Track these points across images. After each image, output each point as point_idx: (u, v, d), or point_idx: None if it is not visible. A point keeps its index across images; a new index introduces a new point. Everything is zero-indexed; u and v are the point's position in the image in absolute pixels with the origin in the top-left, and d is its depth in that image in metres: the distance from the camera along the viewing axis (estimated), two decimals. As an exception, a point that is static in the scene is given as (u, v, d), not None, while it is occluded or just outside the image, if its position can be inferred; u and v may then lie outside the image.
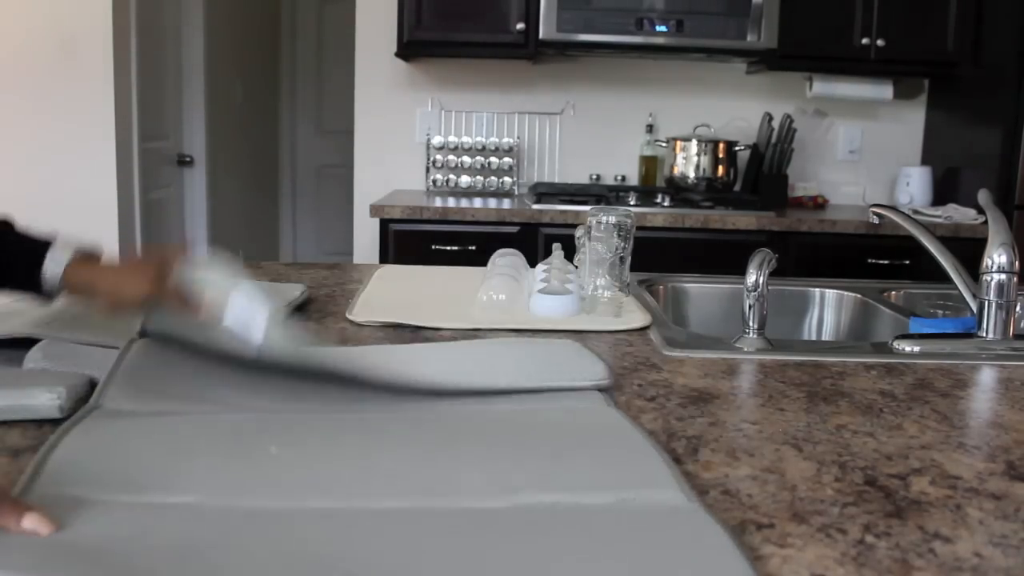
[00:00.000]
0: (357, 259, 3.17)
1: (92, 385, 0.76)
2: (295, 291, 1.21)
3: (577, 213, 2.56)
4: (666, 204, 2.71)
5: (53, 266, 0.87)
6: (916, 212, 2.78)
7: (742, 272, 1.06)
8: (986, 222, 1.08)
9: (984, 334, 1.05)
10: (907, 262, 2.61)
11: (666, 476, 0.61)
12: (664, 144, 2.98)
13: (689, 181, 2.87)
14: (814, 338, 1.46)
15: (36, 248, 0.88)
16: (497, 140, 3.03)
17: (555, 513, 0.55)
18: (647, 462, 0.63)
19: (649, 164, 3.09)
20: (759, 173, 2.97)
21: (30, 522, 0.51)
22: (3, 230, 0.91)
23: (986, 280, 1.05)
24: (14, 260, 0.89)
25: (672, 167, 2.91)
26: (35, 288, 0.88)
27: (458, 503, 0.57)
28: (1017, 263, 1.05)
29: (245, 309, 0.84)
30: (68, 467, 0.61)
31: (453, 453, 0.65)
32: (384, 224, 2.58)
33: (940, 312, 1.28)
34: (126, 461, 0.62)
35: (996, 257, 1.05)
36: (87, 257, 0.90)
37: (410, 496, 0.57)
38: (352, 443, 0.67)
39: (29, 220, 0.94)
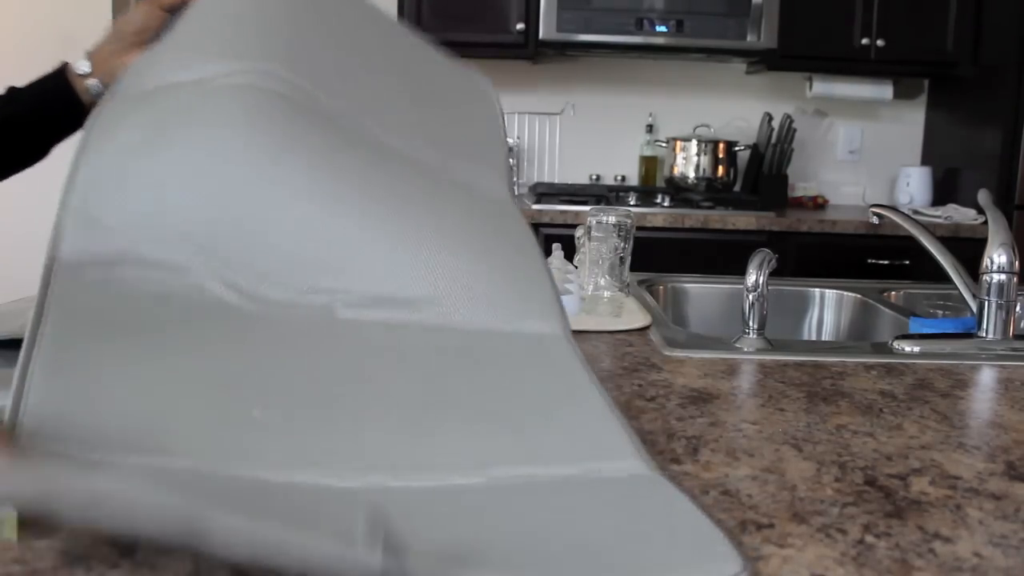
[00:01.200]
0: (357, 259, 3.17)
1: None
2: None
3: (577, 213, 2.56)
4: (666, 204, 2.71)
5: (82, 67, 0.93)
6: (916, 212, 2.78)
7: (742, 272, 1.06)
8: (986, 222, 1.08)
9: (984, 334, 1.05)
10: (907, 262, 2.61)
11: (627, 445, 0.62)
12: (664, 144, 2.98)
13: (689, 181, 2.87)
14: (814, 338, 1.46)
15: (49, 82, 0.95)
16: (497, 140, 3.03)
17: (532, 486, 0.57)
18: (608, 429, 0.64)
19: (649, 164, 3.09)
20: (759, 173, 2.97)
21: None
22: (11, 94, 0.96)
23: (986, 280, 1.05)
24: (45, 98, 0.95)
25: (672, 167, 2.92)
26: (74, 106, 0.93)
27: (441, 480, 0.58)
28: (1017, 263, 1.05)
29: None
30: (43, 418, 0.58)
31: (428, 422, 0.64)
32: (384, 224, 2.58)
33: (940, 312, 1.28)
34: (104, 414, 0.60)
35: (996, 257, 1.05)
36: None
37: (394, 472, 0.58)
38: (334, 407, 0.66)
39: (28, 218, 0.95)
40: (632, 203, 2.72)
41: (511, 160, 0.83)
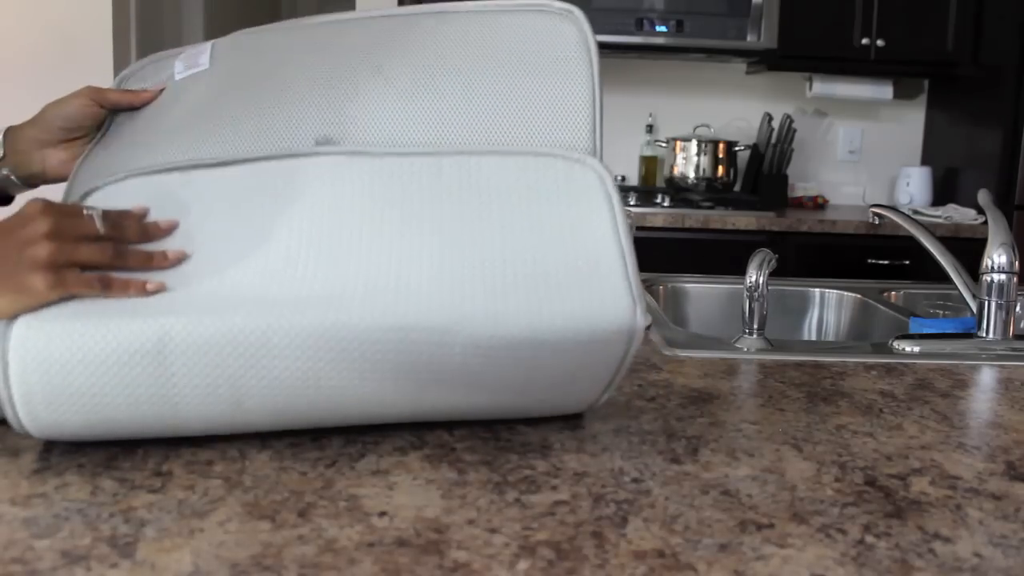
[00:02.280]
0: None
1: None
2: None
3: (577, 213, 2.56)
4: (666, 204, 2.71)
5: None
6: (916, 212, 2.78)
7: (742, 272, 1.06)
8: (986, 222, 1.08)
9: (984, 334, 1.05)
10: (907, 262, 2.61)
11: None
12: (664, 144, 2.98)
13: (689, 181, 2.87)
14: (814, 338, 1.46)
15: None
16: (497, 140, 3.03)
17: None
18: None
19: (649, 164, 3.09)
20: (759, 173, 2.97)
21: (153, 285, 0.61)
22: None
23: (986, 280, 1.05)
24: None
25: (672, 167, 2.92)
26: None
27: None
28: (1017, 263, 1.05)
29: (189, 59, 0.81)
30: None
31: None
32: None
33: (940, 312, 1.28)
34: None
35: (996, 257, 1.05)
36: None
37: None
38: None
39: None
40: (632, 203, 2.72)
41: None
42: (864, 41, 2.78)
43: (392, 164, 0.69)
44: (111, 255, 0.62)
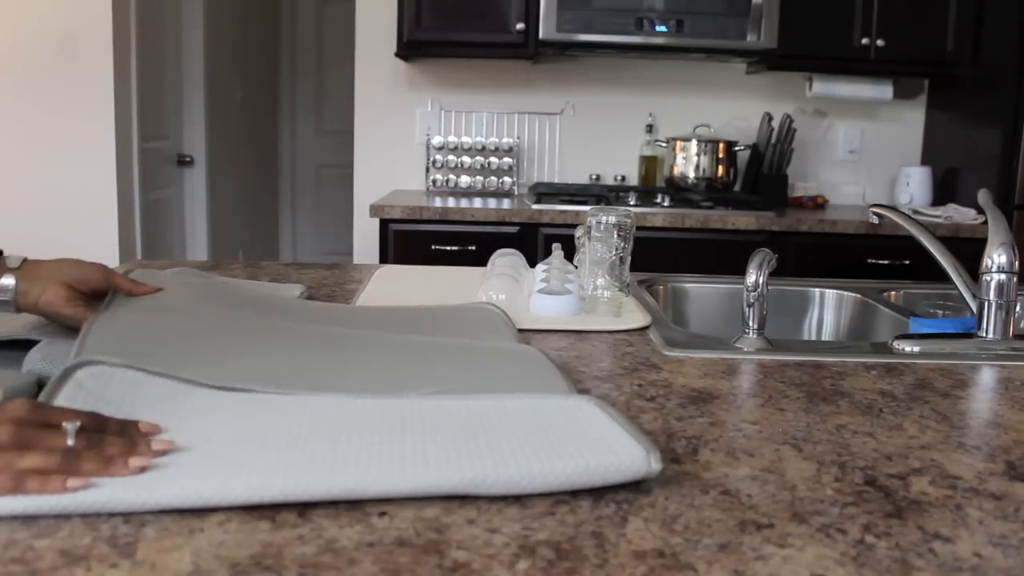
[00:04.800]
0: (357, 259, 3.17)
1: (39, 386, 0.74)
2: (294, 291, 1.21)
3: (577, 213, 2.56)
4: (666, 204, 2.71)
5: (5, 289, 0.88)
6: (916, 212, 2.78)
7: (742, 272, 1.06)
8: (986, 222, 1.08)
9: (984, 334, 1.05)
10: (907, 262, 2.61)
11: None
12: (664, 144, 2.98)
13: (689, 181, 2.87)
14: (814, 338, 1.46)
15: None
16: (497, 140, 3.03)
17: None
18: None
19: (649, 164, 3.09)
20: (759, 173, 2.97)
21: (160, 444, 0.60)
22: None
23: (986, 280, 1.05)
24: None
25: (672, 167, 2.92)
26: None
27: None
28: (1017, 263, 1.05)
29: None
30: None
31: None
32: (384, 224, 2.58)
33: (940, 312, 1.28)
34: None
35: (996, 257, 1.05)
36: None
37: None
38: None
39: (29, 220, 0.93)
40: (632, 203, 2.73)
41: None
42: (864, 41, 2.78)
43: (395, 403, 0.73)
44: (58, 462, 0.57)
